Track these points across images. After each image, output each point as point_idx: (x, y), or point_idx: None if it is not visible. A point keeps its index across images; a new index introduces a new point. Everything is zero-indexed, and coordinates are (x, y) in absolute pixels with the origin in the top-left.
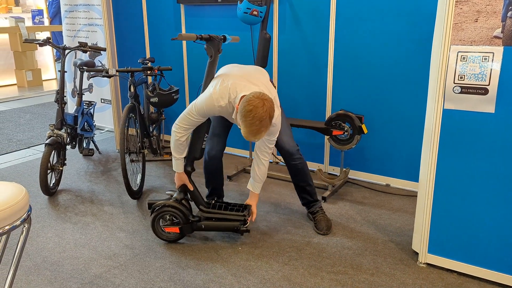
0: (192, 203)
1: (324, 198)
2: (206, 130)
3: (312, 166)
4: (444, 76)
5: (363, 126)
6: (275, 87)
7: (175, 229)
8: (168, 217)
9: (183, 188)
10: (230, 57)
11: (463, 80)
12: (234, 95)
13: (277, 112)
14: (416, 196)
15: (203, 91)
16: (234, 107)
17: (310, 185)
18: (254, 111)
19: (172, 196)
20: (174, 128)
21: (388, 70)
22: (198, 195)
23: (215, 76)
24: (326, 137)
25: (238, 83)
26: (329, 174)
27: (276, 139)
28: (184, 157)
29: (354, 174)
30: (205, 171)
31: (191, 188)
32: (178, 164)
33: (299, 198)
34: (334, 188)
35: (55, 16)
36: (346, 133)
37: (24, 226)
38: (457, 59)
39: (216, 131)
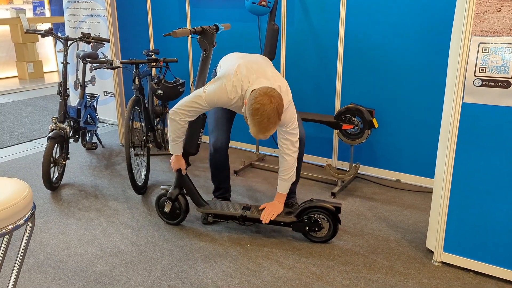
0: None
1: (333, 194)
2: (202, 126)
3: (320, 161)
4: (464, 69)
5: (374, 120)
6: None
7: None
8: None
9: (179, 183)
10: (237, 48)
11: (484, 72)
12: (246, 87)
13: (287, 99)
14: (427, 192)
15: (196, 87)
16: (243, 101)
17: (298, 176)
18: (261, 109)
19: (167, 191)
20: (174, 115)
21: (400, 62)
22: (195, 192)
23: (227, 65)
24: (336, 131)
25: (250, 76)
26: (338, 169)
27: (296, 127)
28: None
29: (363, 169)
30: (211, 164)
31: (184, 173)
32: (177, 147)
33: None
34: (343, 183)
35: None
36: (356, 127)
37: (28, 225)
38: (478, 51)
39: (220, 122)
